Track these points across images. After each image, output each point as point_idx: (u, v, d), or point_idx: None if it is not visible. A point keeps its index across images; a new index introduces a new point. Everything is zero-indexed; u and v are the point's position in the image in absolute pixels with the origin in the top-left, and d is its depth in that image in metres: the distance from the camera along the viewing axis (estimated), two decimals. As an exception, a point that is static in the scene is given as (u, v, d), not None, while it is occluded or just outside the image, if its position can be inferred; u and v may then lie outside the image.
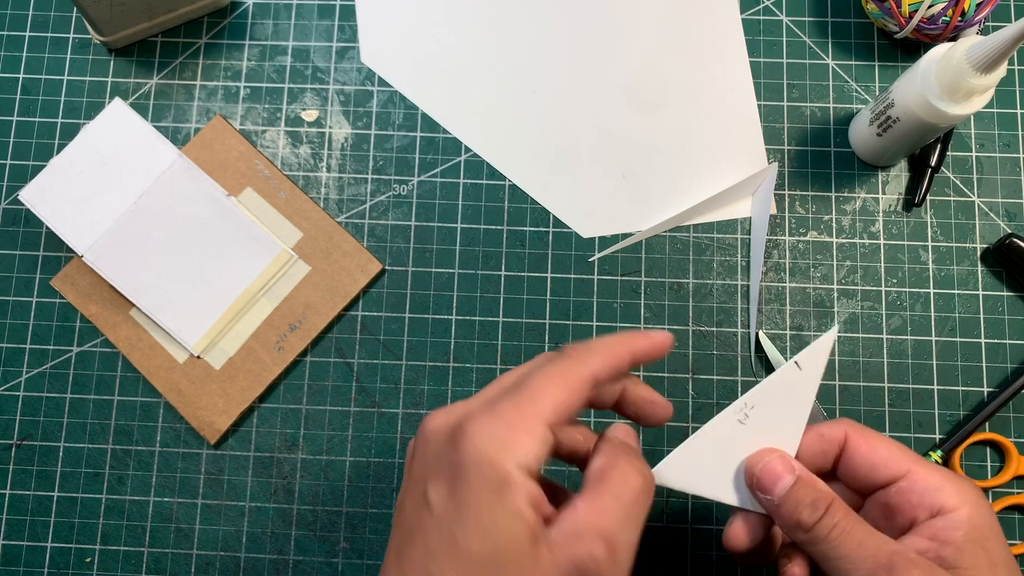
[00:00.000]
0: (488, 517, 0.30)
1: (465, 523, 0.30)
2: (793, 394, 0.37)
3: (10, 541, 0.53)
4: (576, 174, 0.57)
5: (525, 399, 0.32)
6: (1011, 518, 0.53)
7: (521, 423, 0.31)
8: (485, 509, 0.30)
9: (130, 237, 0.54)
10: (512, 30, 0.59)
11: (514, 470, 0.30)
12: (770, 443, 0.37)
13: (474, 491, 0.30)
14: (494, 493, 0.30)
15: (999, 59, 0.43)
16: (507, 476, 0.30)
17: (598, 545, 0.31)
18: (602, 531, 0.31)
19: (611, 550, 0.31)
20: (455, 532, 0.30)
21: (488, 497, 0.30)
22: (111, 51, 0.59)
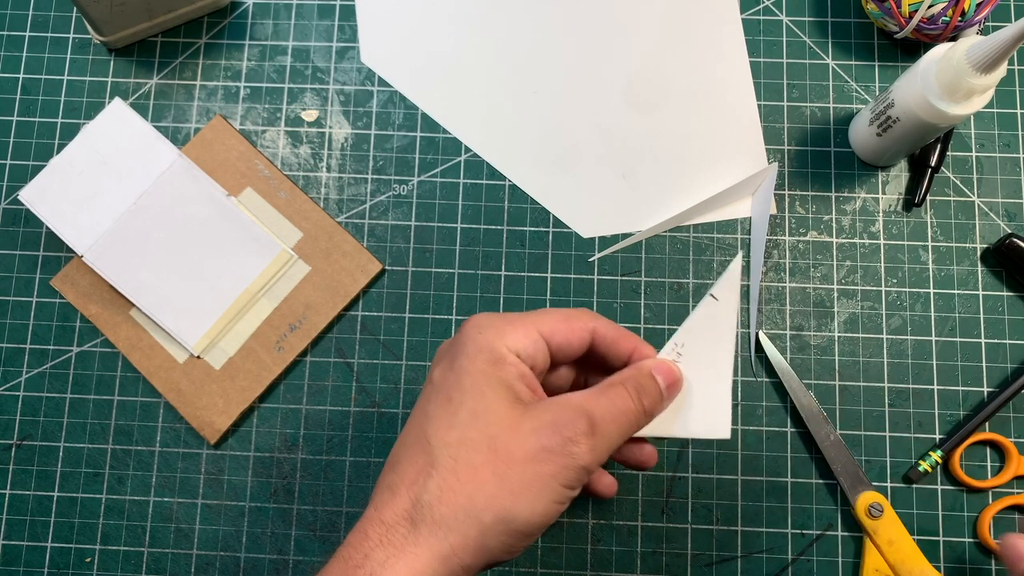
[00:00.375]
0: (481, 380, 0.35)
1: (460, 384, 0.36)
2: (716, 324, 0.41)
3: (10, 541, 0.53)
4: (576, 174, 0.57)
5: (531, 315, 0.38)
6: (1011, 518, 0.53)
7: (519, 323, 0.37)
8: (479, 374, 0.35)
9: (130, 237, 0.54)
10: (512, 30, 0.59)
11: (506, 351, 0.36)
12: (707, 372, 0.40)
13: (471, 361, 0.36)
14: (488, 364, 0.36)
15: (999, 59, 0.43)
16: (501, 354, 0.36)
17: (582, 418, 0.35)
18: (588, 411, 0.35)
19: (592, 429, 0.35)
20: (451, 394, 0.36)
21: (482, 367, 0.36)
22: (111, 51, 0.59)
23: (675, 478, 0.53)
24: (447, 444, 0.35)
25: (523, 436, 0.34)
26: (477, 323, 0.37)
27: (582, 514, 0.53)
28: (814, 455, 0.53)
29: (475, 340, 0.36)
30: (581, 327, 0.39)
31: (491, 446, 0.34)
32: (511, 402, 0.35)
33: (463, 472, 0.34)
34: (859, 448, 0.53)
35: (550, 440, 0.34)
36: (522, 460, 0.34)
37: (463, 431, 0.35)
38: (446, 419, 0.35)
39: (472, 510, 0.33)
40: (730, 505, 0.53)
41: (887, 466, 0.53)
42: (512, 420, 0.35)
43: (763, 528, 0.52)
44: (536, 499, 0.34)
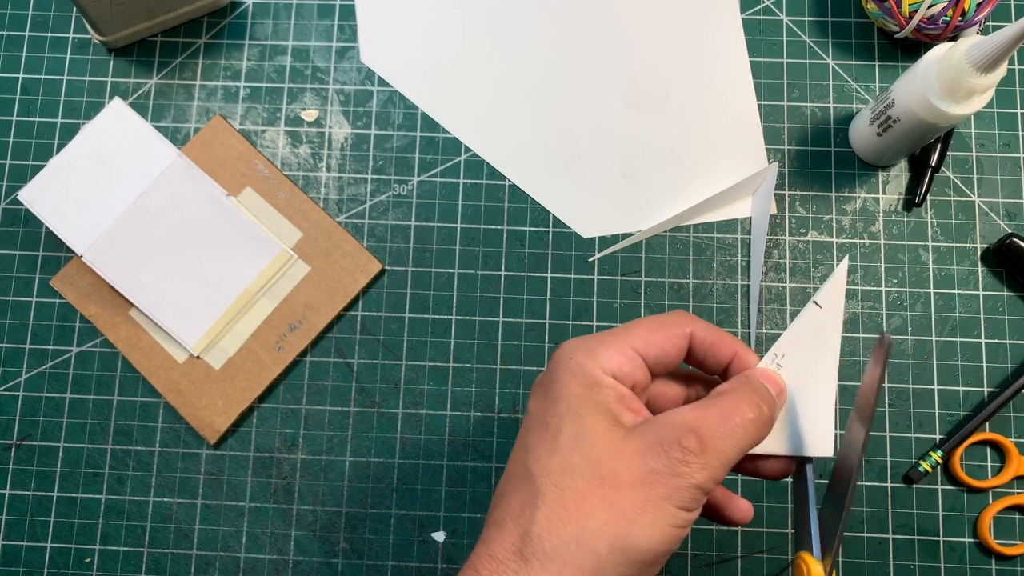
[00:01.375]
0: (577, 403, 0.34)
1: (557, 410, 0.34)
2: (819, 333, 0.37)
3: (10, 541, 0.53)
4: (576, 174, 0.57)
5: (620, 331, 0.36)
6: (1011, 518, 0.53)
7: (611, 342, 0.35)
8: (575, 398, 0.34)
9: (129, 237, 0.54)
10: (512, 30, 0.59)
11: (600, 373, 0.34)
12: (808, 384, 0.37)
13: (564, 386, 0.34)
14: (585, 389, 0.34)
15: (999, 59, 0.43)
16: (596, 377, 0.34)
17: (688, 435, 0.32)
18: (696, 428, 0.33)
19: (702, 446, 0.32)
20: (548, 420, 0.34)
21: (577, 391, 0.34)
22: (111, 51, 0.59)
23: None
24: (550, 472, 0.33)
25: (628, 458, 0.32)
26: (567, 348, 0.35)
27: (582, 514, 0.53)
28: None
29: (566, 366, 0.35)
30: (677, 333, 0.36)
31: (596, 471, 0.32)
32: (611, 424, 0.33)
33: (570, 500, 0.32)
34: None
35: (657, 461, 0.32)
36: (631, 483, 0.32)
37: (565, 457, 0.33)
38: (546, 446, 0.33)
39: (584, 540, 0.31)
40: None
41: (887, 466, 0.53)
42: (615, 442, 0.33)
43: (763, 528, 0.52)
44: (652, 524, 0.32)
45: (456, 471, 0.53)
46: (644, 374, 0.36)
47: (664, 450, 0.32)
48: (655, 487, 0.32)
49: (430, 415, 0.54)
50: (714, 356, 0.37)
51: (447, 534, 0.53)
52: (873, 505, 0.53)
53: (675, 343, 0.36)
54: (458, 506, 0.53)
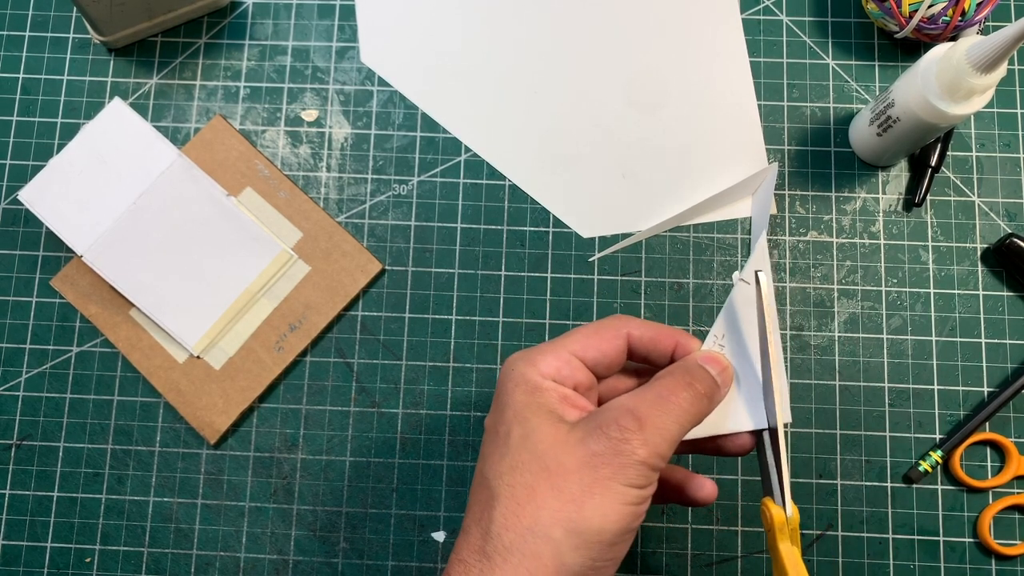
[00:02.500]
0: (523, 408, 0.36)
1: (505, 417, 0.36)
2: (754, 307, 0.39)
3: (10, 541, 0.53)
4: (576, 174, 0.57)
5: (558, 340, 0.38)
6: (1011, 518, 0.53)
7: (548, 350, 0.37)
8: (520, 404, 0.36)
9: (130, 237, 0.54)
10: (512, 30, 0.59)
11: (540, 378, 0.36)
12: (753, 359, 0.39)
13: (510, 395, 0.36)
14: (528, 395, 0.36)
15: (999, 59, 0.43)
16: (536, 382, 0.36)
17: (625, 415, 0.34)
18: (632, 408, 0.35)
19: (639, 423, 0.34)
20: (498, 428, 0.36)
21: (523, 398, 0.36)
22: (111, 51, 0.59)
23: (675, 478, 0.53)
24: (501, 473, 0.35)
25: (572, 447, 0.34)
26: (510, 362, 0.38)
27: (582, 514, 0.53)
28: (814, 454, 0.53)
29: (510, 377, 0.37)
30: (612, 335, 0.38)
31: (542, 464, 0.34)
32: (555, 422, 0.35)
33: (521, 495, 0.34)
34: (859, 448, 0.53)
35: (598, 443, 0.34)
36: (576, 468, 0.34)
37: (514, 456, 0.35)
38: (497, 451, 0.36)
39: (539, 529, 0.33)
40: (730, 505, 0.53)
41: (887, 466, 0.53)
42: (559, 436, 0.35)
43: (763, 528, 0.52)
44: (602, 504, 0.33)
45: (456, 471, 0.53)
46: (585, 375, 0.38)
47: (604, 432, 0.34)
48: (600, 468, 0.33)
49: (430, 415, 0.54)
50: (656, 350, 0.39)
51: (447, 534, 0.53)
52: (873, 505, 0.53)
53: (612, 344, 0.38)
54: (458, 506, 0.53)
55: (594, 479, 0.33)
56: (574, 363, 0.37)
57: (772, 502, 0.38)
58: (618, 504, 0.33)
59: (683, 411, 0.35)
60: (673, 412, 0.35)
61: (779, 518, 0.38)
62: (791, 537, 0.38)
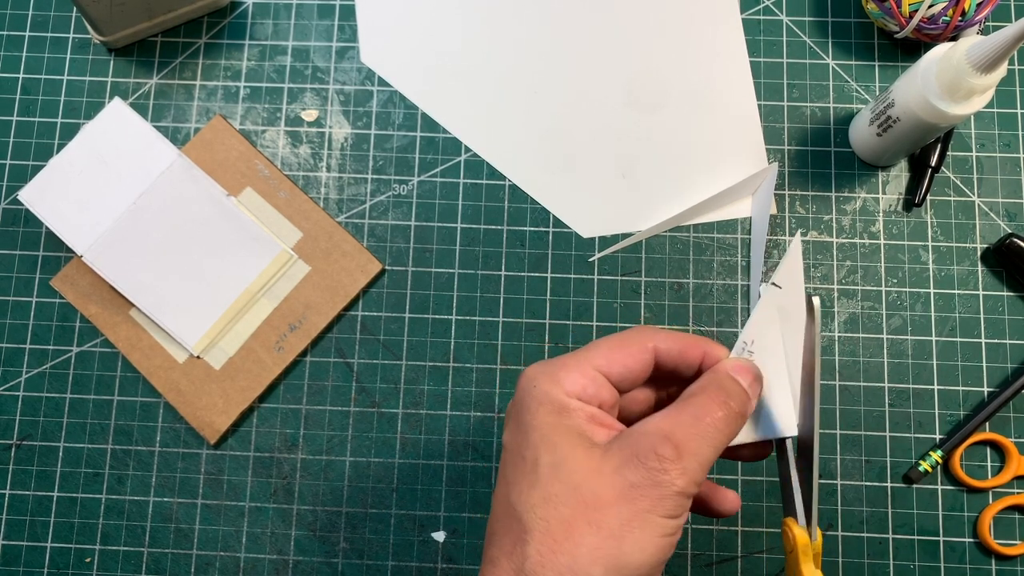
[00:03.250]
0: (549, 432, 0.34)
1: (530, 441, 0.34)
2: (784, 313, 0.38)
3: (10, 541, 0.53)
4: (576, 174, 0.57)
5: (581, 353, 0.36)
6: (1011, 518, 0.53)
7: (572, 365, 0.35)
8: (546, 427, 0.34)
9: (130, 237, 0.54)
10: (512, 30, 0.59)
11: (566, 398, 0.34)
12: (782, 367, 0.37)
13: (534, 415, 0.34)
14: (554, 416, 0.34)
15: (999, 59, 0.43)
16: (563, 402, 0.34)
17: (663, 443, 0.32)
18: (669, 434, 0.33)
19: (677, 452, 0.32)
20: (524, 453, 0.34)
21: (549, 419, 0.34)
22: (111, 51, 0.59)
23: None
24: (533, 506, 0.33)
25: (608, 477, 0.32)
26: (530, 376, 0.35)
27: (582, 514, 0.53)
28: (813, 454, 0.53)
29: (532, 395, 0.35)
30: (639, 349, 0.36)
31: (578, 496, 0.32)
32: (587, 447, 0.33)
33: (557, 531, 0.32)
34: (859, 448, 0.53)
35: (635, 474, 0.32)
36: (614, 501, 0.32)
37: (546, 488, 0.33)
38: (526, 480, 0.33)
39: (578, 567, 0.31)
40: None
41: (887, 466, 0.53)
42: (592, 464, 0.33)
43: (763, 528, 0.52)
44: (641, 538, 0.32)
45: (456, 471, 0.53)
46: (610, 392, 0.36)
47: (641, 462, 0.32)
48: (638, 501, 0.32)
49: (430, 415, 0.54)
50: (684, 362, 0.37)
51: (447, 534, 0.53)
52: (873, 505, 0.53)
53: (638, 359, 0.36)
54: (458, 506, 0.53)
55: (633, 513, 0.32)
56: (599, 380, 0.35)
57: (795, 523, 0.37)
58: (656, 537, 0.32)
59: (718, 432, 0.34)
60: (709, 435, 0.33)
61: (803, 540, 0.36)
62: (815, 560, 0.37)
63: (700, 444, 0.33)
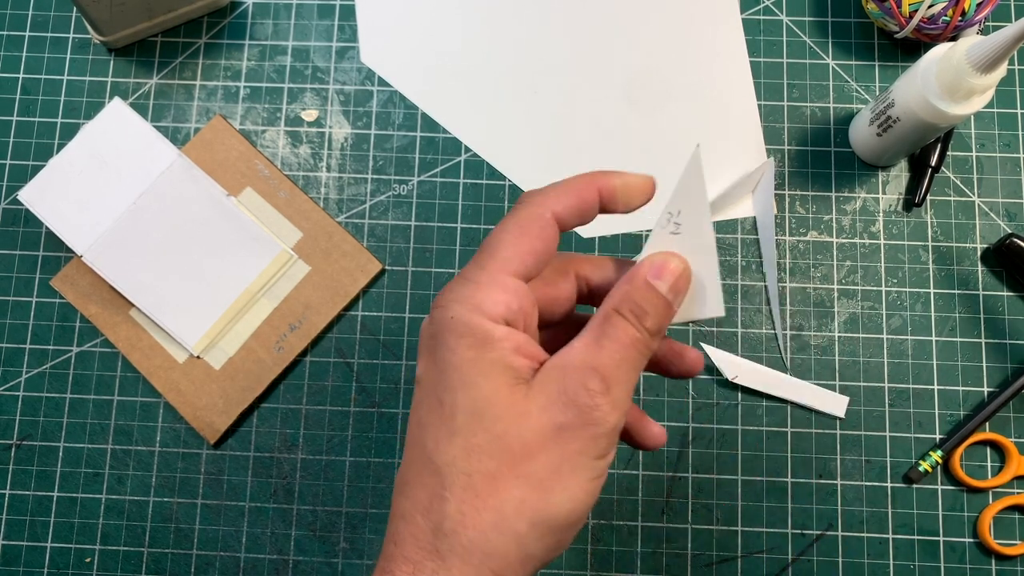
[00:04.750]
0: (470, 371, 0.30)
1: (449, 382, 0.30)
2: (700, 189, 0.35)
3: (10, 541, 0.53)
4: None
5: (487, 257, 0.31)
6: (1012, 518, 0.53)
7: (487, 279, 0.31)
8: (466, 365, 0.30)
9: (130, 237, 0.54)
10: (512, 30, 0.59)
11: (489, 325, 0.30)
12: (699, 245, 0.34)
13: (453, 352, 0.30)
14: (475, 350, 0.30)
15: (999, 59, 0.43)
16: (485, 332, 0.30)
17: (592, 376, 0.30)
18: (596, 365, 0.30)
19: (605, 383, 0.30)
20: (442, 396, 0.30)
21: (469, 354, 0.30)
22: (111, 51, 0.59)
23: (675, 478, 0.53)
24: (454, 458, 0.30)
25: (535, 420, 0.29)
26: (444, 303, 0.31)
27: (582, 514, 0.53)
28: (814, 454, 0.53)
29: (449, 326, 0.30)
30: (540, 226, 0.33)
31: (503, 446, 0.29)
32: (511, 386, 0.30)
33: (480, 485, 0.29)
34: (859, 448, 0.53)
35: (565, 415, 0.29)
36: (542, 447, 0.29)
37: (467, 438, 0.30)
38: (444, 427, 0.30)
39: (503, 525, 0.29)
40: (730, 505, 0.53)
41: (887, 466, 0.53)
42: (517, 406, 0.30)
43: (763, 528, 0.52)
44: (569, 484, 0.29)
45: (456, 471, 0.53)
46: (532, 302, 0.32)
47: (571, 401, 0.29)
48: (569, 443, 0.29)
49: (430, 415, 0.54)
50: (591, 212, 0.34)
51: (447, 534, 0.53)
52: (873, 505, 0.53)
53: (545, 236, 0.32)
54: (458, 506, 0.53)
55: (563, 457, 0.29)
56: (520, 289, 0.31)
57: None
58: (586, 482, 0.30)
59: (640, 355, 0.31)
60: (632, 359, 0.31)
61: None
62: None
63: (626, 371, 0.30)
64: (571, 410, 0.29)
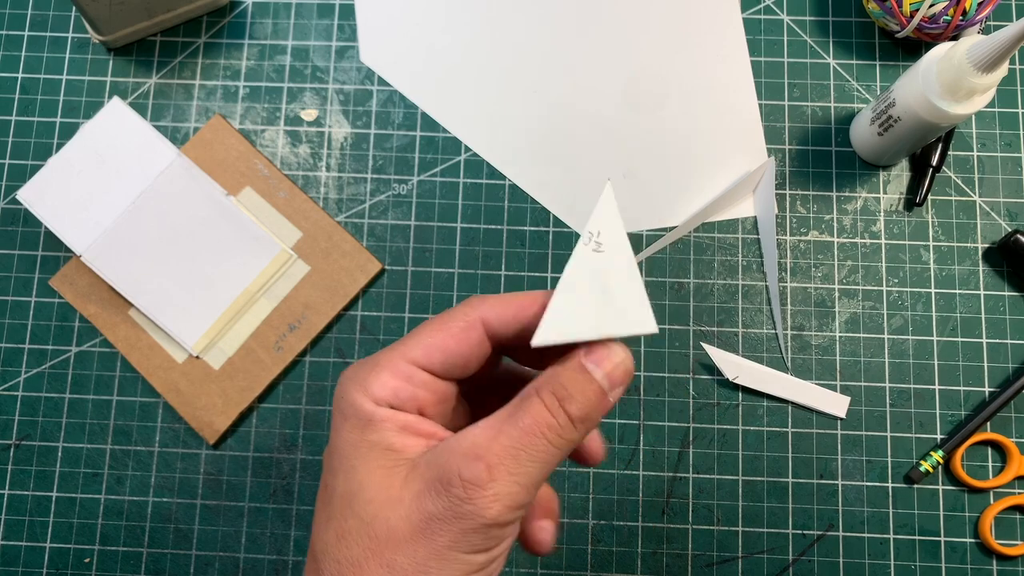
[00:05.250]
0: (351, 453, 0.29)
1: (331, 465, 0.30)
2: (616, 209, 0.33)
3: (9, 542, 0.53)
4: (576, 174, 0.57)
5: (398, 345, 0.30)
6: (1013, 518, 0.52)
7: (384, 363, 0.30)
8: (348, 447, 0.29)
9: (129, 237, 0.54)
10: (512, 29, 0.59)
11: (371, 406, 0.29)
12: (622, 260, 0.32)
13: (339, 433, 0.30)
14: (357, 432, 0.29)
15: (1000, 58, 0.43)
16: (367, 414, 0.29)
17: (471, 464, 0.27)
18: (483, 452, 0.27)
19: (490, 473, 0.27)
20: (326, 478, 0.30)
21: (351, 436, 0.29)
22: (110, 50, 0.59)
23: (676, 479, 0.53)
24: (327, 544, 0.28)
25: (405, 507, 0.27)
26: (340, 384, 0.30)
27: (582, 515, 0.53)
28: (815, 454, 0.53)
29: (339, 408, 0.30)
30: (462, 326, 0.30)
31: (370, 533, 0.28)
32: (388, 469, 0.28)
33: (348, 574, 0.28)
34: (860, 448, 0.53)
35: (435, 504, 0.27)
36: (409, 538, 0.27)
37: (339, 523, 0.28)
38: (324, 512, 0.29)
39: None
40: (731, 506, 0.53)
41: (888, 466, 0.53)
42: (391, 490, 0.28)
43: (764, 528, 0.52)
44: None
45: (456, 471, 0.53)
46: (433, 389, 0.30)
47: (443, 488, 0.27)
48: (437, 536, 0.27)
49: (430, 415, 0.54)
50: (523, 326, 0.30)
51: (447, 534, 0.52)
52: (874, 505, 0.52)
53: (461, 339, 0.30)
54: (458, 506, 0.53)
55: (429, 552, 0.27)
56: (417, 377, 0.30)
57: None
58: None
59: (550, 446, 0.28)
60: (538, 449, 0.27)
61: None
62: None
63: (522, 462, 0.27)
64: (442, 500, 0.27)
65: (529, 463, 0.27)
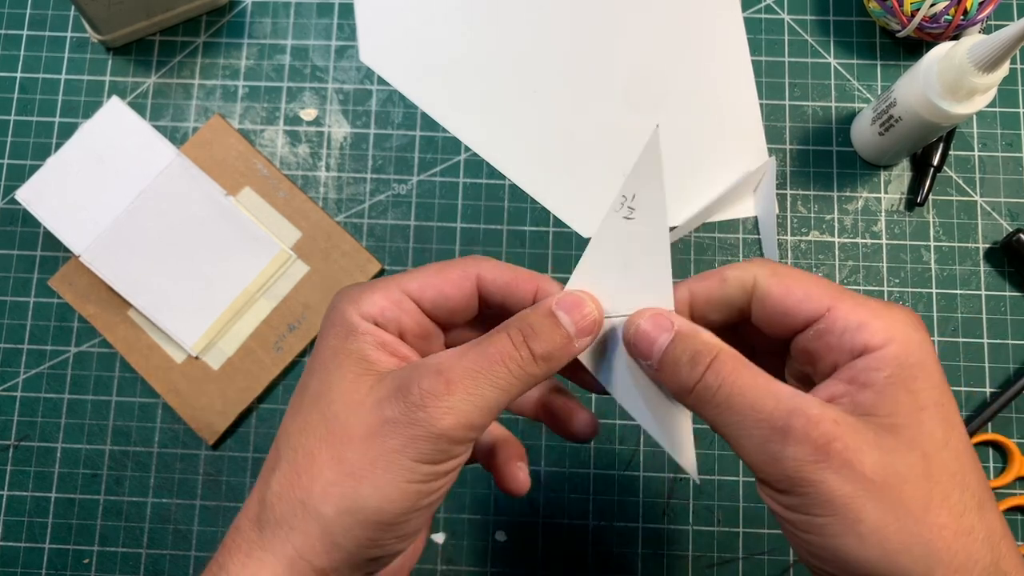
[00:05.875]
0: (330, 358, 0.31)
1: (311, 366, 0.32)
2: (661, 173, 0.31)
3: (8, 542, 0.53)
4: (576, 173, 0.57)
5: (396, 275, 0.33)
6: (1014, 519, 0.52)
7: (380, 287, 0.32)
8: (328, 352, 0.31)
9: (128, 237, 0.53)
10: (512, 29, 0.59)
11: (356, 319, 0.31)
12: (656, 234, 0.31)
13: (323, 339, 0.32)
14: (339, 339, 0.31)
15: (1001, 58, 0.43)
16: (352, 324, 0.31)
17: (431, 377, 0.29)
18: (445, 368, 0.29)
19: (448, 388, 0.28)
20: (304, 379, 0.32)
21: (334, 343, 0.31)
22: (109, 50, 0.58)
23: (676, 479, 0.53)
24: (290, 434, 0.30)
25: (366, 410, 0.29)
26: (335, 298, 0.32)
27: (583, 515, 0.53)
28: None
29: (329, 316, 0.32)
30: (460, 276, 0.32)
31: (329, 427, 0.29)
32: (358, 375, 0.30)
33: (301, 462, 0.29)
34: (861, 449, 0.53)
35: (393, 409, 0.29)
36: (363, 437, 0.29)
37: (304, 416, 0.30)
38: (294, 407, 0.31)
39: (309, 503, 0.29)
40: (731, 507, 0.52)
41: (889, 467, 0.53)
42: (357, 395, 0.30)
43: (764, 529, 0.52)
44: (383, 481, 0.28)
45: (456, 472, 0.53)
46: (417, 320, 0.32)
47: (401, 395, 0.29)
48: (388, 438, 0.28)
49: (430, 416, 0.54)
50: (513, 296, 0.33)
51: (447, 535, 0.52)
52: (875, 506, 0.52)
53: (457, 285, 0.32)
54: (458, 507, 0.53)
55: (380, 452, 0.28)
56: (405, 304, 0.32)
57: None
58: (402, 483, 0.28)
59: (510, 375, 0.29)
60: (498, 375, 0.29)
61: None
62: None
63: (480, 383, 0.29)
64: (399, 405, 0.29)
65: (487, 387, 0.29)
